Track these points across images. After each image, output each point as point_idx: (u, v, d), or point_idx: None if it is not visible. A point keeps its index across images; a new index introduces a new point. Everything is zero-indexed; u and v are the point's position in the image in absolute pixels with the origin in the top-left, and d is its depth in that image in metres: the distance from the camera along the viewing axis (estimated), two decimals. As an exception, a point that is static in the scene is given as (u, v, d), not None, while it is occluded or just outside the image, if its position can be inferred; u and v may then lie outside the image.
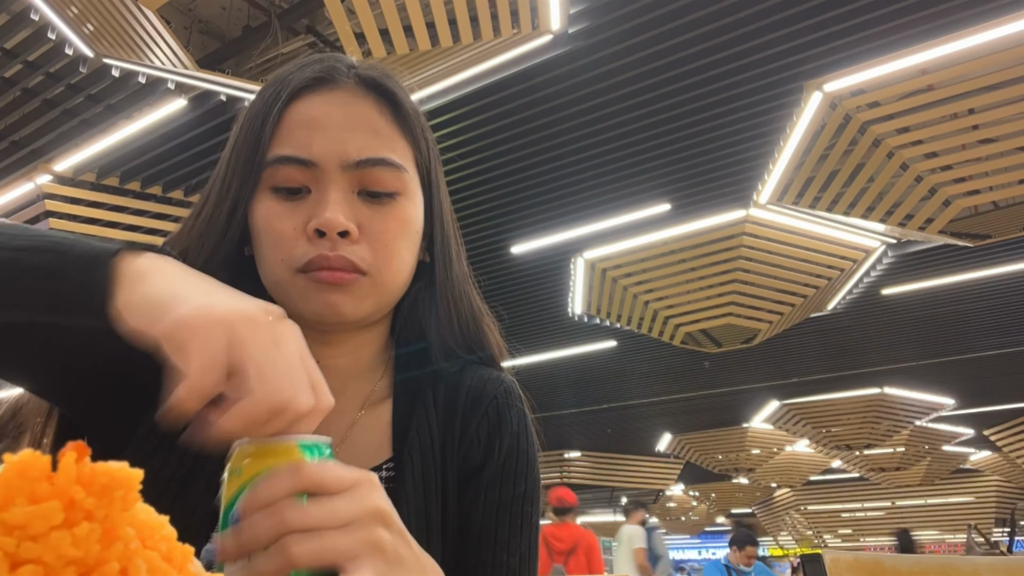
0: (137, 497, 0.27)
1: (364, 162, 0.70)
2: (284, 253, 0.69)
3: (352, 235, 0.68)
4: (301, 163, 0.69)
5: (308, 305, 0.69)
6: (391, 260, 0.71)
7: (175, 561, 0.28)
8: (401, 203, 0.72)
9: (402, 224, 0.72)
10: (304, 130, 0.70)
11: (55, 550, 0.25)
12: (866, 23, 3.45)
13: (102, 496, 0.26)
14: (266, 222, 0.70)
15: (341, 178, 0.69)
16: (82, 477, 0.26)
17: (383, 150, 0.71)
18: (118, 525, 0.26)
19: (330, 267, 0.67)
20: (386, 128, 0.73)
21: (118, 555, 0.26)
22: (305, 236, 0.68)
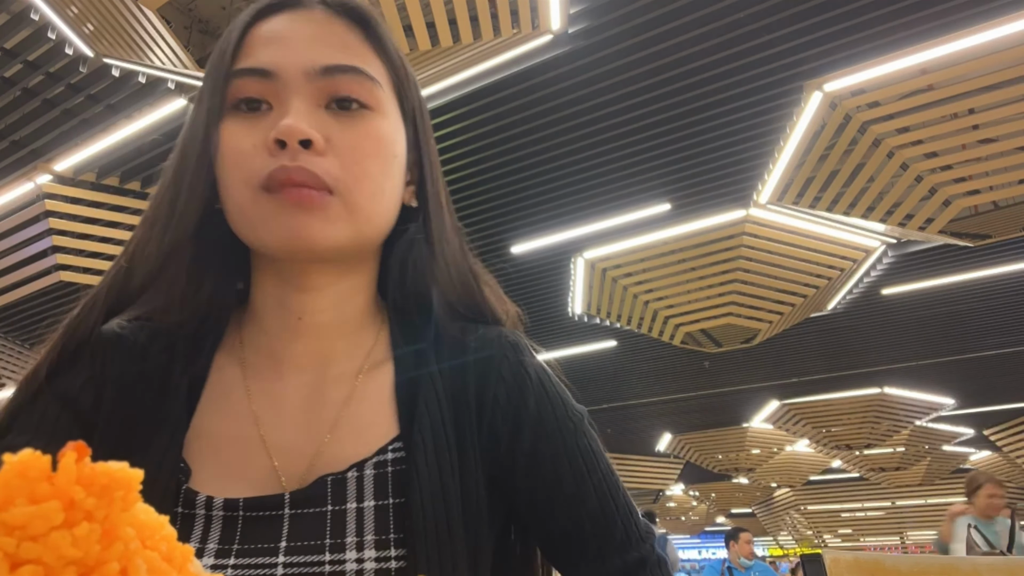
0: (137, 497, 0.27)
1: (332, 68, 0.62)
2: (243, 172, 0.61)
3: (317, 145, 0.60)
4: (259, 73, 0.62)
5: (272, 231, 0.60)
6: (363, 179, 0.62)
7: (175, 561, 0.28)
8: (375, 118, 0.64)
9: (376, 140, 0.63)
10: (265, 45, 0.63)
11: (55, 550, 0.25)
12: (866, 23, 3.45)
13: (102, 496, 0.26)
14: (224, 143, 0.62)
15: (305, 89, 0.62)
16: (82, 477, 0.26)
17: (354, 60, 0.64)
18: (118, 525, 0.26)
19: (292, 181, 0.59)
20: (358, 45, 0.65)
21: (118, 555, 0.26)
22: (266, 150, 0.60)
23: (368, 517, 0.58)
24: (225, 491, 0.59)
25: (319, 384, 0.66)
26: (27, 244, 4.46)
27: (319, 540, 0.57)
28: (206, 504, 0.58)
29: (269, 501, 0.59)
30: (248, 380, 0.67)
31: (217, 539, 0.58)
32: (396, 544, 0.58)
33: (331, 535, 0.58)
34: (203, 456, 0.62)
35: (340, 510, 0.59)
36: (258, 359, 0.68)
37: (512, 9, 3.33)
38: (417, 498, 0.59)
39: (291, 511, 0.58)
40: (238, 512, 0.58)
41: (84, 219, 4.36)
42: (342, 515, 0.58)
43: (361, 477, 0.60)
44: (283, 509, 0.58)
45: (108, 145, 4.02)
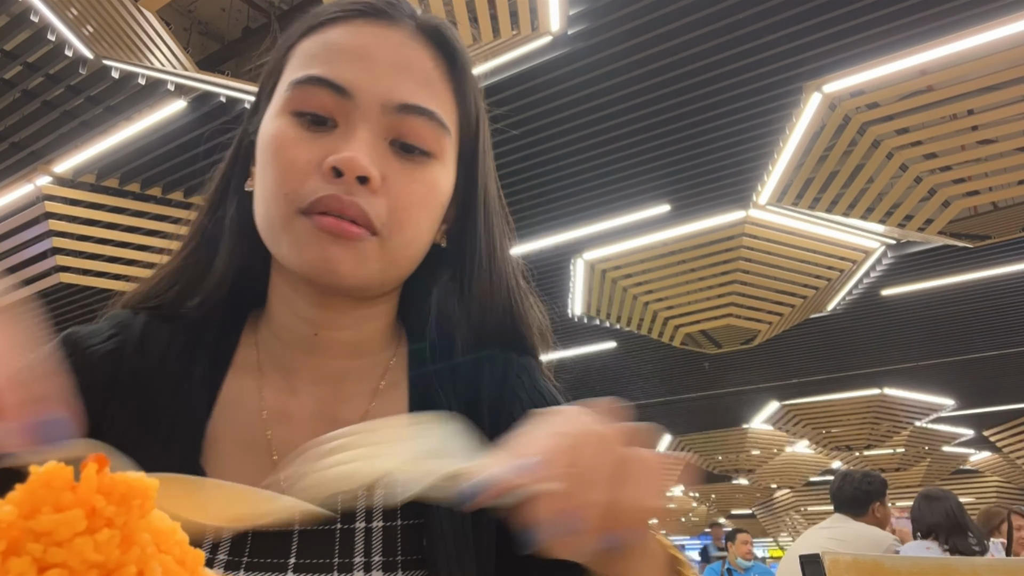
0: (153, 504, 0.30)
1: (409, 108, 0.60)
2: (290, 186, 0.58)
3: (373, 183, 0.58)
4: (335, 89, 0.59)
5: (302, 254, 0.58)
6: (408, 226, 0.61)
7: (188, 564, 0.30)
8: (434, 167, 0.63)
9: (430, 189, 0.62)
10: (346, 56, 0.60)
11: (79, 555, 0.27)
12: (866, 24, 3.45)
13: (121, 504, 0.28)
14: (277, 146, 0.60)
15: (376, 120, 0.59)
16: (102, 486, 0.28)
17: (431, 102, 0.62)
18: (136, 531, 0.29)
19: (340, 212, 0.57)
20: (438, 82, 0.63)
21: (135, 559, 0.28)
22: (319, 172, 0.58)
23: (376, 538, 0.58)
24: None
25: (333, 401, 0.66)
26: (27, 246, 4.47)
27: (328, 559, 0.57)
28: None
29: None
30: (262, 389, 0.66)
31: (227, 551, 0.57)
32: (403, 566, 0.58)
33: (339, 554, 0.57)
34: (217, 464, 0.61)
35: (349, 529, 0.58)
36: (273, 368, 0.67)
37: (512, 10, 3.33)
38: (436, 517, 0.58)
39: (300, 528, 0.58)
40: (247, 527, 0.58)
41: (84, 221, 4.36)
42: (351, 534, 0.58)
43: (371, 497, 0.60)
44: (293, 526, 0.58)
45: (108, 147, 4.02)
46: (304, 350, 0.66)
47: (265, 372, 0.67)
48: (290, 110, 0.60)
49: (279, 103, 0.62)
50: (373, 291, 0.64)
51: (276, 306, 0.67)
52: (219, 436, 0.63)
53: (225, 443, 0.63)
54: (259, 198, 0.62)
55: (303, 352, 0.66)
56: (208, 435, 0.62)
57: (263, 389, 0.66)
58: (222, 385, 0.66)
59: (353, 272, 0.59)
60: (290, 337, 0.66)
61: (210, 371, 0.65)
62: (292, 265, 0.60)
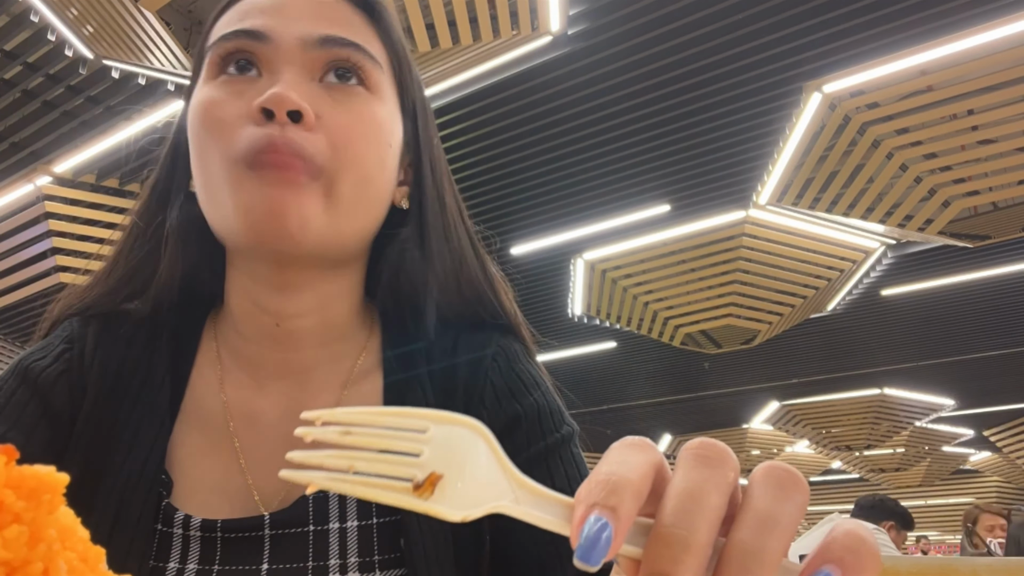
0: (62, 500, 0.28)
1: (330, 39, 0.57)
2: (223, 142, 0.55)
3: (307, 119, 0.54)
4: (251, 35, 0.57)
5: (245, 207, 0.54)
6: (355, 162, 0.56)
7: (90, 562, 0.29)
8: (372, 100, 0.59)
9: (371, 123, 0.58)
10: (259, 9, 0.58)
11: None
12: (866, 24, 3.45)
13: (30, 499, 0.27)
14: (203, 110, 0.56)
15: (300, 57, 0.57)
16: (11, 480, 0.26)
17: (356, 37, 0.59)
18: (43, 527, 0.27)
19: (277, 152, 0.53)
20: (361, 25, 0.61)
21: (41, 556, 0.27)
22: (250, 120, 0.54)
23: (351, 538, 0.56)
24: (203, 509, 0.57)
25: (300, 396, 0.62)
26: (27, 246, 4.47)
27: (302, 563, 0.55)
28: (183, 523, 0.56)
29: (248, 523, 0.56)
30: (226, 388, 0.63)
31: (197, 559, 0.55)
32: (381, 566, 0.56)
33: (313, 557, 0.55)
34: (182, 468, 0.59)
35: (322, 531, 0.56)
36: (235, 365, 0.64)
37: (511, 11, 3.33)
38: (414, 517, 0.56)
39: (272, 532, 0.56)
40: (216, 533, 0.56)
41: (84, 221, 4.36)
42: (324, 536, 0.56)
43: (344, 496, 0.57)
44: (263, 530, 0.56)
45: (108, 147, 4.02)
46: (267, 343, 0.62)
47: (228, 370, 0.64)
48: (211, 76, 0.58)
49: (200, 78, 0.60)
50: (329, 252, 0.59)
51: (234, 300, 0.63)
52: (185, 442, 0.60)
53: (191, 448, 0.60)
54: (199, 177, 0.58)
55: (266, 346, 0.62)
56: (174, 441, 0.60)
57: (227, 389, 0.63)
58: (185, 389, 0.63)
59: (301, 221, 0.54)
60: (252, 331, 0.63)
61: (172, 375, 0.62)
62: (234, 225, 0.56)
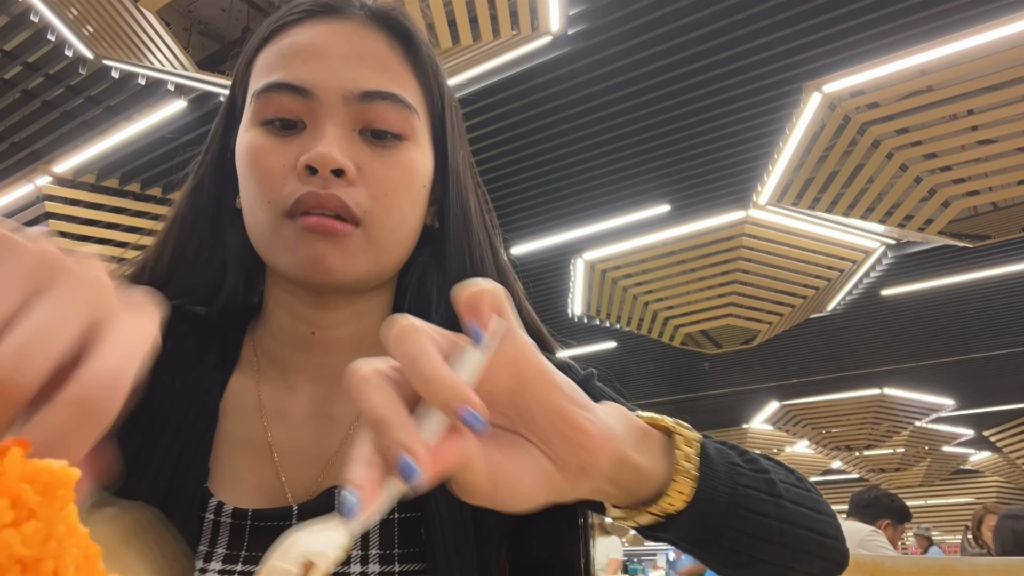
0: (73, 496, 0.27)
1: (370, 95, 0.61)
2: (270, 194, 0.60)
3: (349, 175, 0.59)
4: (296, 91, 0.60)
5: (292, 256, 0.60)
6: (390, 211, 0.61)
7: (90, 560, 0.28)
8: (408, 148, 0.63)
9: (407, 172, 0.63)
10: (302, 57, 0.61)
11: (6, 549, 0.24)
12: (866, 24, 3.45)
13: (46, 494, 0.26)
14: (252, 158, 0.61)
15: (342, 113, 0.60)
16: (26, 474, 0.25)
17: (392, 85, 0.62)
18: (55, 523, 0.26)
19: (320, 207, 0.58)
20: (396, 65, 0.64)
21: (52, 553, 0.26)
22: (295, 174, 0.59)
23: (373, 531, 0.59)
24: (235, 498, 0.60)
25: (330, 397, 0.66)
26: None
27: None
28: (216, 510, 0.59)
29: (277, 513, 0.59)
30: (260, 387, 0.67)
31: (226, 544, 0.58)
32: (400, 559, 0.58)
33: None
34: (222, 463, 0.62)
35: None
36: (270, 367, 0.68)
37: (511, 11, 3.33)
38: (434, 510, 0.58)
39: (299, 521, 0.59)
40: (246, 521, 0.59)
41: (84, 221, 4.36)
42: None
43: None
44: (291, 520, 0.59)
45: (108, 147, 4.03)
46: (301, 349, 0.67)
47: (263, 372, 0.68)
48: (258, 121, 0.62)
49: (247, 116, 0.63)
50: (366, 283, 0.65)
51: (273, 309, 0.68)
52: (225, 436, 0.64)
53: (230, 443, 0.63)
54: (246, 211, 0.64)
55: (300, 351, 0.67)
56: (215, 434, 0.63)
57: (262, 388, 0.67)
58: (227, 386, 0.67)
59: (343, 268, 0.60)
60: (287, 337, 0.67)
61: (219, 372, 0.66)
62: (284, 269, 0.61)
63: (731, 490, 0.48)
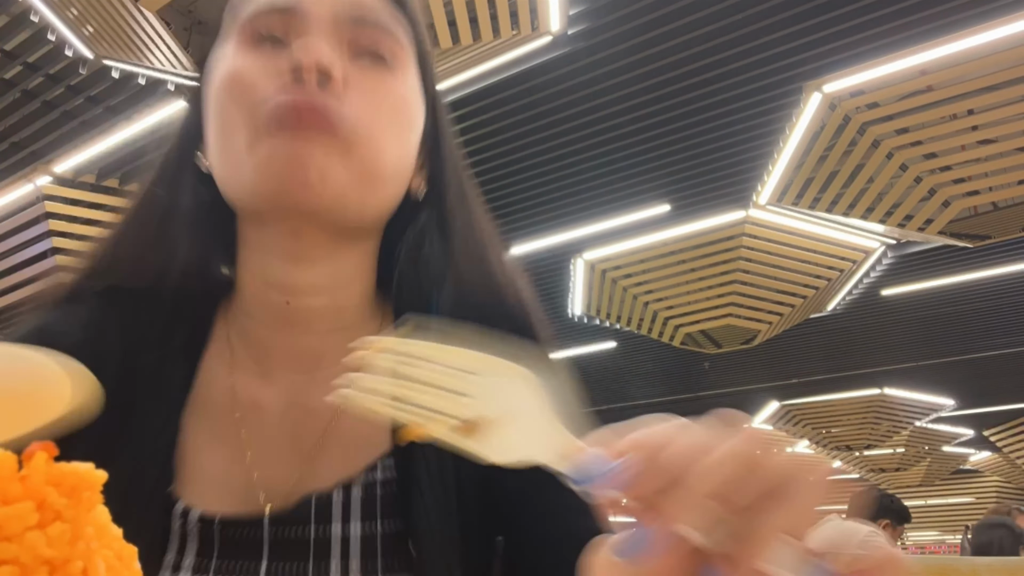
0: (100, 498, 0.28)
1: (363, 19, 0.57)
2: (246, 104, 0.53)
3: (335, 83, 0.53)
4: (283, 12, 0.55)
5: (268, 170, 0.53)
6: (376, 134, 0.55)
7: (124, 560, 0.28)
8: (399, 79, 0.58)
9: (399, 99, 0.58)
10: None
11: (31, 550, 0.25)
12: (866, 24, 3.45)
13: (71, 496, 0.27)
14: (229, 77, 0.55)
15: (330, 30, 0.55)
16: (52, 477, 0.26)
17: (386, 19, 0.58)
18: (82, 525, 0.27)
19: (303, 111, 0.52)
20: (388, 9, 0.60)
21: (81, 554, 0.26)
22: (278, 82, 0.53)
23: (354, 544, 0.55)
24: (203, 501, 0.56)
25: (307, 386, 0.61)
26: (27, 246, 4.46)
27: (302, 564, 0.54)
28: (182, 515, 0.55)
29: (247, 521, 0.55)
30: (234, 376, 0.62)
31: (195, 553, 0.54)
32: (384, 571, 0.55)
33: (315, 559, 0.54)
34: (186, 456, 0.58)
35: (324, 536, 0.55)
36: (245, 352, 0.63)
37: (511, 11, 3.33)
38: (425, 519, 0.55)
39: (272, 530, 0.55)
40: (214, 529, 0.55)
41: (84, 221, 4.36)
42: (326, 541, 0.55)
43: (348, 498, 0.56)
44: (262, 529, 0.55)
45: (108, 147, 4.02)
46: (277, 324, 0.61)
47: (237, 357, 0.63)
48: (239, 45, 0.57)
49: (229, 44, 0.58)
50: (348, 213, 0.57)
51: (245, 280, 0.63)
52: (191, 429, 0.59)
53: (197, 436, 0.59)
54: (216, 149, 0.58)
55: (276, 327, 0.61)
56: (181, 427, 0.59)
57: (235, 376, 0.62)
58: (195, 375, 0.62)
59: (321, 176, 0.53)
60: (261, 311, 0.62)
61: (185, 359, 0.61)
62: (256, 193, 0.55)
63: None
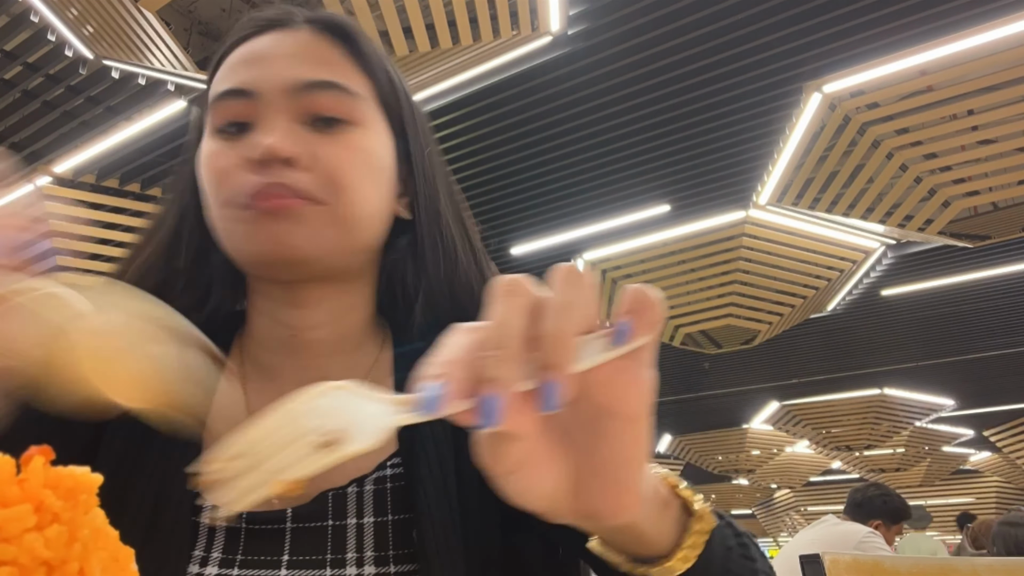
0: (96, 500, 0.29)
1: (311, 84, 0.61)
2: (226, 192, 0.60)
3: (299, 161, 0.59)
4: (240, 95, 0.61)
5: (252, 243, 0.60)
6: (349, 188, 0.61)
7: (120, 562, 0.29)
8: (357, 132, 0.63)
9: (361, 152, 0.62)
10: (245, 64, 0.63)
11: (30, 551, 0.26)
12: (866, 24, 3.45)
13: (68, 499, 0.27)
14: (206, 163, 0.62)
15: (284, 106, 0.61)
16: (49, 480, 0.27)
17: (333, 75, 0.63)
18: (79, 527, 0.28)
19: (271, 196, 0.58)
20: (338, 59, 0.65)
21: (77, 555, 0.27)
22: (248, 169, 0.59)
23: (368, 533, 0.59)
24: None
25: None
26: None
27: (320, 555, 0.58)
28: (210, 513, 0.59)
29: (271, 516, 0.59)
30: (248, 395, 0.67)
31: (221, 548, 0.58)
32: (395, 560, 0.58)
33: (332, 550, 0.58)
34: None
35: (341, 525, 0.59)
36: (257, 374, 0.68)
37: (511, 11, 3.33)
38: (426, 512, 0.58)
39: (293, 525, 0.59)
40: (241, 525, 0.59)
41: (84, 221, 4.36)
42: (343, 530, 0.59)
43: (361, 493, 0.61)
44: (285, 523, 0.59)
45: (108, 147, 4.03)
46: (285, 353, 0.67)
47: (249, 377, 0.68)
48: (211, 131, 0.63)
49: (206, 131, 0.64)
50: (337, 265, 0.63)
51: (253, 316, 0.69)
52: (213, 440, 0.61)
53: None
54: (211, 218, 0.64)
55: (284, 355, 0.67)
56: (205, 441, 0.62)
57: (250, 395, 0.67)
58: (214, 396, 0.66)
59: (307, 241, 0.59)
60: (271, 343, 0.68)
61: None
62: (248, 258, 0.61)
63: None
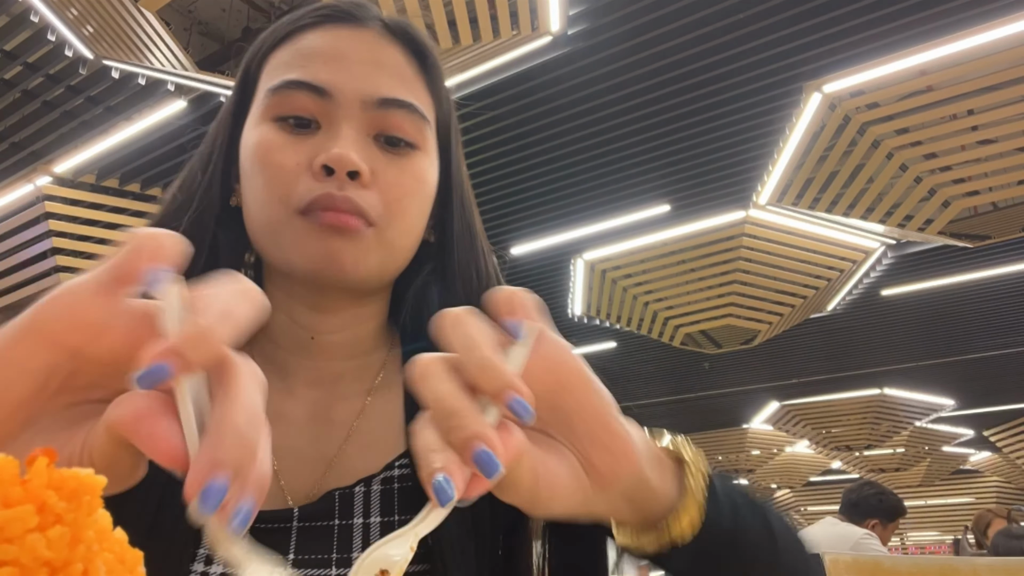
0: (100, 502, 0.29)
1: (388, 102, 0.62)
2: (283, 190, 0.60)
3: (364, 178, 0.59)
4: (314, 90, 0.60)
5: (305, 252, 0.60)
6: (402, 216, 0.62)
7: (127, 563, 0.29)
8: (419, 157, 0.64)
9: (418, 180, 0.64)
10: (322, 59, 0.62)
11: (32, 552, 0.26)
12: (866, 24, 3.45)
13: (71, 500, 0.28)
14: (264, 153, 0.61)
15: (358, 117, 0.61)
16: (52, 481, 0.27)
17: (409, 95, 0.63)
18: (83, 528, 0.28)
19: (335, 208, 0.58)
20: (412, 77, 0.65)
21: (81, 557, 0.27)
22: (310, 173, 0.59)
23: (374, 533, 0.59)
24: None
25: (328, 401, 0.67)
26: (27, 246, 4.47)
27: (326, 554, 0.58)
28: None
29: (278, 515, 0.59)
30: None
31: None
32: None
33: (338, 550, 0.58)
34: None
35: (347, 525, 0.59)
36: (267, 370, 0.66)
37: (511, 11, 3.33)
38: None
39: (299, 524, 0.59)
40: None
41: (84, 221, 4.36)
42: (349, 530, 0.59)
43: (368, 492, 0.61)
44: (291, 522, 0.59)
45: (108, 147, 4.03)
46: (300, 353, 0.67)
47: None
48: (271, 116, 0.62)
49: (259, 112, 0.63)
50: (371, 284, 0.65)
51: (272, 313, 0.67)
52: None
53: None
54: (251, 207, 0.63)
55: (299, 355, 0.67)
56: None
57: None
58: None
59: (355, 265, 0.60)
60: (286, 341, 0.67)
61: None
62: (294, 264, 0.61)
63: (732, 525, 0.49)
